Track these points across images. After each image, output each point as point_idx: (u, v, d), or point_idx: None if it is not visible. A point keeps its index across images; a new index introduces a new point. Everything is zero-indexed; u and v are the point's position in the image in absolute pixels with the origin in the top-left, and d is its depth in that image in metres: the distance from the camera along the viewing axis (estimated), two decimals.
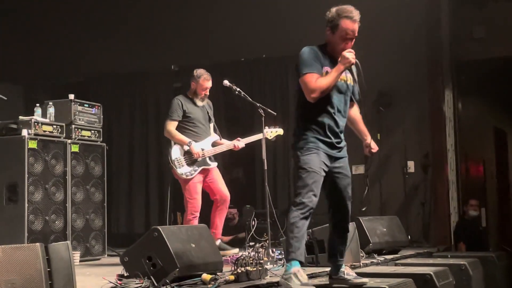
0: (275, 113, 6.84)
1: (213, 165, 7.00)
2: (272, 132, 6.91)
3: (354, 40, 4.48)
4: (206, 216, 7.10)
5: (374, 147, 4.81)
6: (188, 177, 6.82)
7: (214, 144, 7.07)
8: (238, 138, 7.00)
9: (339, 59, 4.43)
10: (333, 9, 4.45)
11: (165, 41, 10.36)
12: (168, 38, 10.35)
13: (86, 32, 10.69)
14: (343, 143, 4.61)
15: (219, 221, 6.97)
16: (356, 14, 4.42)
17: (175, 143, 6.91)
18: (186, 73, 10.40)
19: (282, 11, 9.52)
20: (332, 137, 4.52)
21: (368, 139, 4.80)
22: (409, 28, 9.05)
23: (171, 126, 6.89)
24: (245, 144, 7.09)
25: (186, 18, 10.22)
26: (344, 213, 4.65)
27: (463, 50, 9.38)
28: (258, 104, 6.65)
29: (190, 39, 10.18)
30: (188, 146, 6.79)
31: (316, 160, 4.41)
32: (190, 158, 6.84)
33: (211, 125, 7.22)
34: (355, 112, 4.84)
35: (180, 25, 10.25)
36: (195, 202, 6.84)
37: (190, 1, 10.26)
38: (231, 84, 6.93)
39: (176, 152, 6.86)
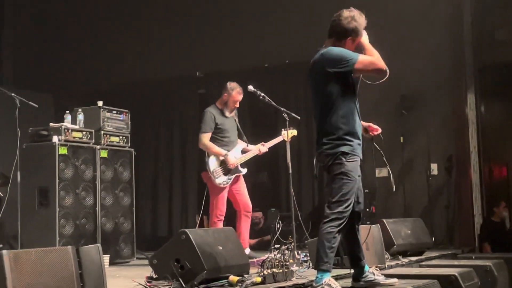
0: (299, 117, 6.85)
1: (244, 171, 7.12)
2: (288, 134, 6.89)
3: None
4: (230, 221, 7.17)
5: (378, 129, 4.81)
6: (224, 186, 6.92)
7: (243, 151, 7.16)
8: (262, 143, 7.02)
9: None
10: (347, 15, 4.50)
11: (190, 48, 10.41)
12: (193, 46, 10.40)
13: (113, 41, 10.80)
14: None
15: (245, 231, 7.03)
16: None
17: (210, 154, 6.96)
18: (210, 79, 10.52)
19: (303, 17, 9.51)
20: (360, 140, 4.53)
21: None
22: (432, 31, 9.00)
23: (206, 138, 6.99)
24: (268, 148, 7.14)
25: (210, 26, 10.27)
26: (358, 212, 4.58)
27: (486, 53, 9.28)
28: (282, 109, 6.65)
29: (214, 46, 10.23)
30: (225, 157, 6.91)
31: (358, 169, 4.42)
32: (225, 168, 6.94)
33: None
34: None
35: (204, 32, 10.31)
36: (222, 207, 6.96)
37: (213, 9, 10.30)
38: (255, 90, 6.93)
39: (213, 163, 6.96)
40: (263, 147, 7.03)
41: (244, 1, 10.06)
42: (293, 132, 7.01)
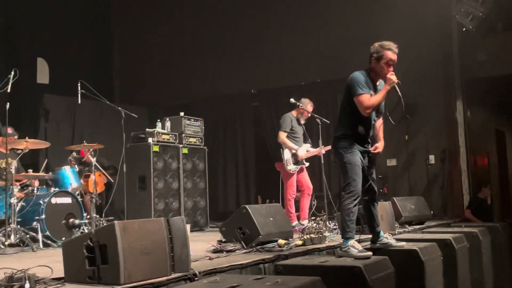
0: (328, 121, 6.77)
1: (307, 164, 7.03)
2: None
3: (393, 66, 4.33)
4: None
5: (378, 149, 4.49)
6: (293, 172, 6.85)
7: (307, 151, 7.05)
8: (322, 147, 6.67)
9: (387, 80, 4.27)
10: (376, 44, 4.34)
11: (246, 71, 10.41)
12: (248, 70, 10.39)
13: (190, 67, 10.90)
14: (370, 146, 4.47)
15: (305, 206, 6.97)
16: (395, 47, 4.31)
17: (285, 148, 6.90)
18: (262, 95, 10.51)
19: (331, 44, 9.39)
20: (364, 141, 4.40)
21: (379, 143, 4.53)
22: (429, 55, 8.82)
23: (283, 135, 6.93)
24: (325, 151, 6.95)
25: (260, 54, 10.24)
26: (373, 191, 4.48)
27: (470, 71, 9.07)
28: (315, 115, 6.60)
29: (264, 69, 10.20)
30: (296, 151, 6.86)
31: (356, 157, 4.29)
32: (295, 159, 6.88)
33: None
34: (379, 122, 4.65)
35: (256, 59, 10.28)
36: (293, 188, 6.89)
37: (261, 41, 10.25)
38: (295, 101, 6.90)
39: (287, 154, 6.89)
40: (322, 150, 6.90)
41: (287, 35, 10.01)
42: None
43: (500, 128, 12.81)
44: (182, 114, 7.92)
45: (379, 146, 4.51)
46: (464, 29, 8.50)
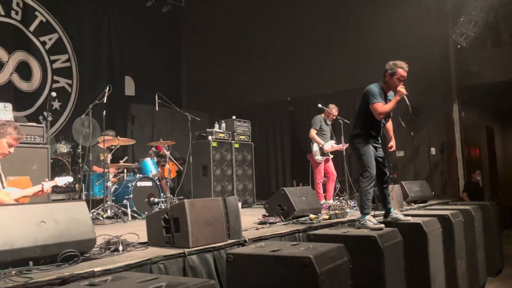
0: (349, 122, 6.66)
1: (331, 156, 6.96)
2: None
3: (403, 81, 4.26)
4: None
5: (393, 147, 4.52)
6: (320, 162, 6.82)
7: (332, 145, 6.97)
8: (344, 143, 6.57)
9: (397, 92, 4.19)
10: (391, 63, 4.27)
11: (283, 83, 10.35)
12: (285, 81, 10.33)
13: (240, 81, 10.90)
14: (379, 141, 4.40)
15: (331, 189, 6.91)
16: (405, 66, 4.24)
17: (314, 142, 6.87)
18: (296, 101, 10.42)
19: (351, 60, 9.25)
20: (375, 138, 4.34)
21: (392, 142, 4.51)
22: (431, 67, 8.50)
23: (313, 132, 6.88)
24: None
25: (295, 68, 10.16)
26: (385, 175, 4.40)
27: (465, 79, 8.74)
28: (338, 117, 6.50)
29: (298, 81, 10.11)
30: (322, 145, 6.82)
31: (369, 148, 4.24)
32: (321, 151, 6.83)
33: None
34: (389, 124, 4.60)
35: (291, 73, 10.21)
36: (321, 174, 6.85)
37: (296, 59, 10.17)
38: (323, 106, 6.82)
39: (315, 147, 6.86)
40: (343, 146, 6.79)
41: (316, 52, 9.87)
42: None
43: (490, 125, 12.33)
44: (234, 117, 7.98)
45: (393, 144, 4.47)
46: (459, 46, 8.22)
